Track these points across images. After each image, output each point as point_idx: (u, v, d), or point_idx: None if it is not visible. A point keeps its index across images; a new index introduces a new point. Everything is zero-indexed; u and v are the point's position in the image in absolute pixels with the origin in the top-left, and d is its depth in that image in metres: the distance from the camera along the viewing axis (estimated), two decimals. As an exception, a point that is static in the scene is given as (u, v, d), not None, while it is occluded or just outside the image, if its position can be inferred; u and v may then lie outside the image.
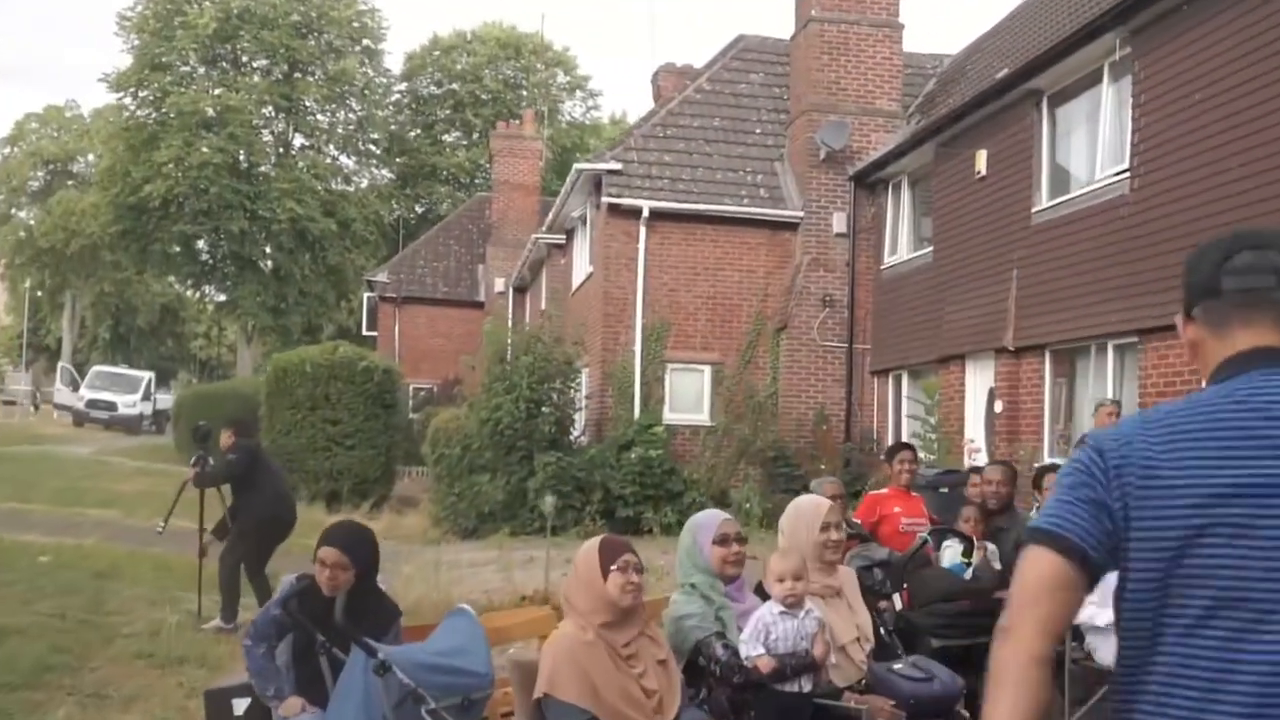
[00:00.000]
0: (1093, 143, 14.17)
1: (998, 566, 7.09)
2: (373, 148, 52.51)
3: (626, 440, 18.81)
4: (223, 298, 51.90)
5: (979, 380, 16.32)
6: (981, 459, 15.38)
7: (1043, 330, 14.64)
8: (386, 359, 26.83)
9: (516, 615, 7.10)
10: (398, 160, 54.98)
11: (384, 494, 22.79)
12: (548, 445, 18.40)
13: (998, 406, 15.49)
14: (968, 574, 6.86)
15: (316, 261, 46.85)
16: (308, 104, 48.78)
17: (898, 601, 6.77)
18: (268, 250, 46.90)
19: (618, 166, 20.13)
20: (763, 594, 5.18)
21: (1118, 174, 13.29)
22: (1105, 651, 6.80)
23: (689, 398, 20.28)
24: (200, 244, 47.73)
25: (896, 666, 5.26)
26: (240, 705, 5.39)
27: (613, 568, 4.45)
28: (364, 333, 41.90)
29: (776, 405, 20.11)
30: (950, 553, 7.19)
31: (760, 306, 20.31)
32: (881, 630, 5.80)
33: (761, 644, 4.81)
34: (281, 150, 49.04)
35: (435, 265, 38.68)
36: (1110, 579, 3.86)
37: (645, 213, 19.69)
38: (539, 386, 18.69)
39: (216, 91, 45.65)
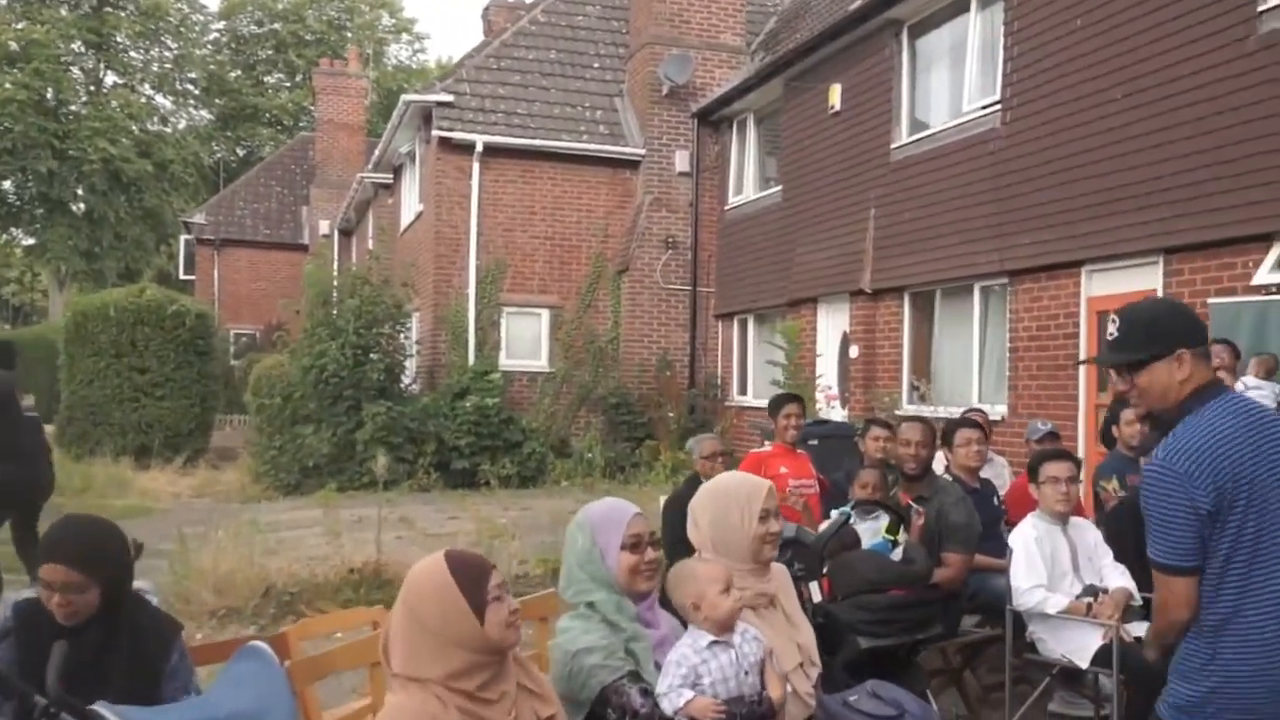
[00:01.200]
0: (958, 74, 12.90)
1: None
2: (190, 87, 49.03)
3: (461, 388, 17.10)
4: (31, 241, 47.79)
5: (832, 324, 15.07)
6: (838, 408, 14.19)
7: (902, 272, 13.42)
8: (200, 302, 24.28)
9: (336, 622, 5.34)
10: (217, 101, 51.38)
11: (199, 447, 20.54)
12: (377, 394, 16.52)
13: (853, 352, 14.26)
14: (895, 554, 5.41)
15: (132, 204, 43.30)
16: (119, 40, 44.95)
17: (815, 591, 5.31)
18: (79, 192, 43.10)
19: (449, 99, 18.21)
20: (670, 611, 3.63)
21: (987, 107, 12.07)
22: (1053, 643, 5.46)
23: (526, 343, 18.64)
24: (5, 185, 43.66)
25: (852, 698, 3.76)
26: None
27: (489, 597, 2.83)
28: (182, 276, 38.87)
29: (618, 350, 18.67)
30: (836, 517, 5.77)
31: (600, 247, 18.77)
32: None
33: (691, 691, 3.27)
34: (92, 88, 45.09)
35: (256, 207, 36.00)
36: (1042, 556, 5.42)
37: (479, 148, 17.88)
38: (366, 331, 16.76)
39: (19, 25, 41.50)
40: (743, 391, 18.08)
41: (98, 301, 20.27)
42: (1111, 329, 3.30)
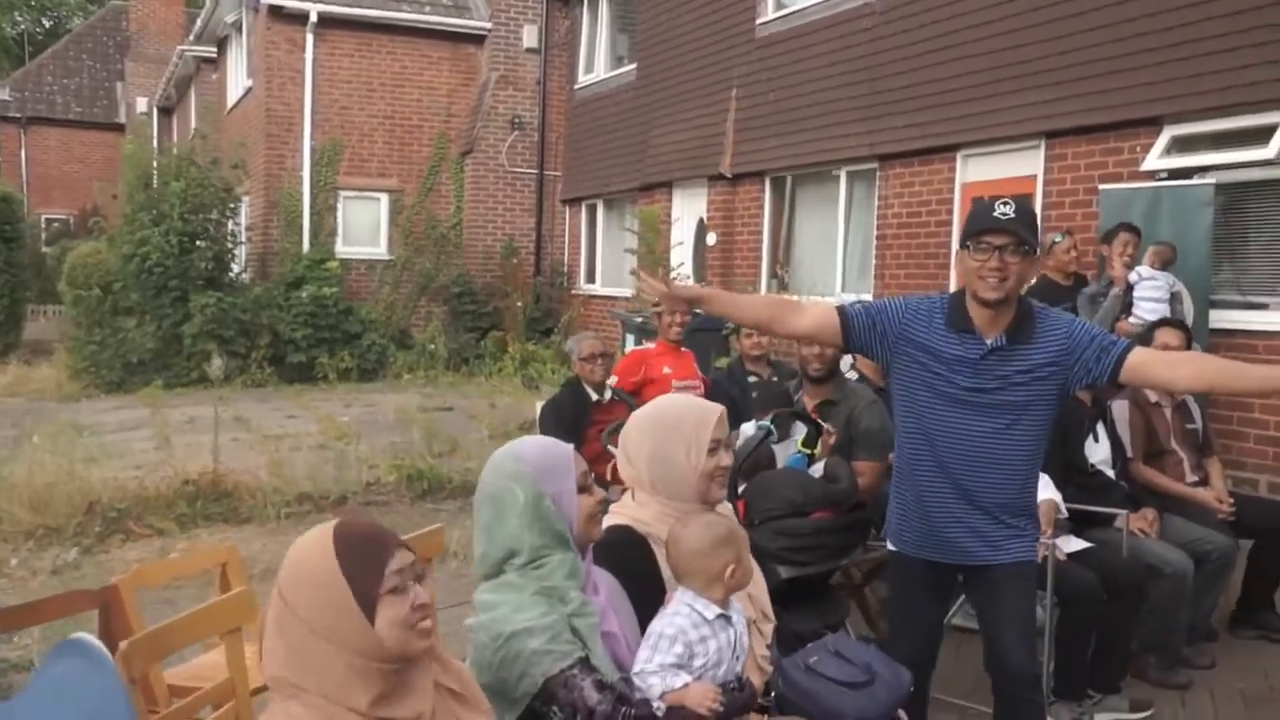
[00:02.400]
0: (827, -55, 12.15)
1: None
2: (-14, -51, 44.93)
3: (296, 277, 15.92)
4: None
5: (688, 210, 14.35)
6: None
7: (765, 155, 12.74)
8: (5, 184, 22.20)
9: (176, 567, 4.44)
10: (17, -35, 47.39)
11: (9, 342, 18.87)
12: (205, 284, 15.22)
13: (710, 239, 13.60)
14: (815, 470, 4.78)
15: (-75, 77, 39.82)
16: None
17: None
18: None
19: (278, -38, 16.66)
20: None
21: (858, -20, 11.37)
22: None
23: (365, 229, 17.45)
24: None
25: (813, 660, 3.10)
26: None
27: (381, 590, 1.97)
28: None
29: (461, 237, 17.65)
30: (755, 431, 5.11)
31: (443, 128, 17.61)
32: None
33: (684, 674, 2.56)
34: (-126, -51, 41.09)
35: (66, 82, 33.25)
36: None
37: (312, 18, 16.45)
38: (192, 217, 15.32)
39: None
40: (590, 280, 17.32)
41: (-115, 183, 18.29)
42: (1005, 209, 3.24)
